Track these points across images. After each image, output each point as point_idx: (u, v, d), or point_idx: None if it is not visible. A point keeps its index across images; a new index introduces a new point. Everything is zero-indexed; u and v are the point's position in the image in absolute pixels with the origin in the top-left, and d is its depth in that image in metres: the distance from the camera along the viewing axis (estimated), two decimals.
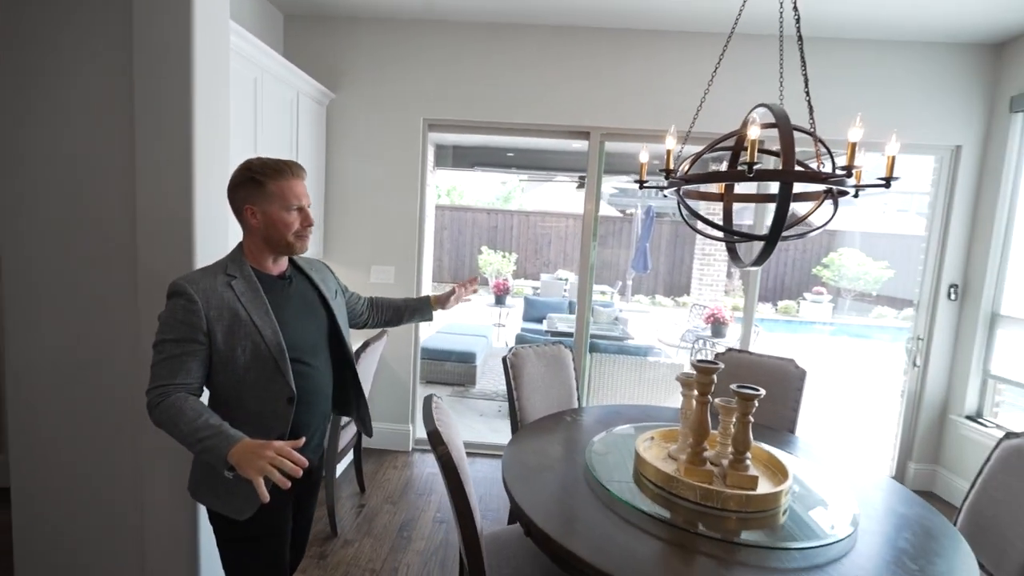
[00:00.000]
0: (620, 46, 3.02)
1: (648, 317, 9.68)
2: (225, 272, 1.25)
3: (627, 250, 12.03)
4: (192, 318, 1.17)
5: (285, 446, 1.09)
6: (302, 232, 1.29)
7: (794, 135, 1.35)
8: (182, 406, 1.13)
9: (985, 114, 2.96)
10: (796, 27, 1.54)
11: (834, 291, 10.75)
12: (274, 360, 1.23)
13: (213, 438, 1.09)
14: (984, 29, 2.76)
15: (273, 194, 1.23)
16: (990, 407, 2.99)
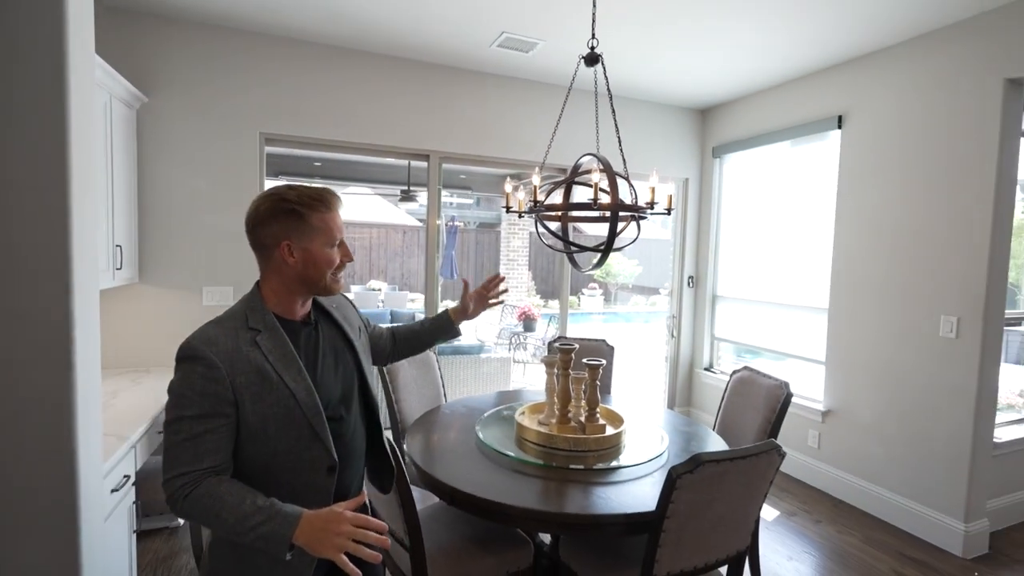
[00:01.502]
0: (455, 82, 3.44)
1: None
2: (247, 326, 1.06)
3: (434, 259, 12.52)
4: (215, 387, 0.98)
5: (358, 514, 0.94)
6: (340, 269, 1.14)
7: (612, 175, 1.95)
8: (218, 492, 0.95)
9: (700, 157, 4.26)
10: (608, 94, 2.17)
11: (603, 286, 13.09)
12: (310, 425, 1.05)
13: (268, 523, 0.92)
14: (696, 101, 4.00)
15: (317, 228, 1.08)
16: (716, 359, 4.29)
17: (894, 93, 2.91)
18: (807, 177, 3.49)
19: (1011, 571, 2.49)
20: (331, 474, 1.09)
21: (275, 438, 1.04)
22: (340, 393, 1.17)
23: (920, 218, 2.79)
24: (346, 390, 1.19)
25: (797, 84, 3.46)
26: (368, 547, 0.92)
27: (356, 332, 1.28)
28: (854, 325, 3.12)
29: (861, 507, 3.04)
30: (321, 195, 1.10)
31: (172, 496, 0.97)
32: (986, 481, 2.66)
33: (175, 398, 0.99)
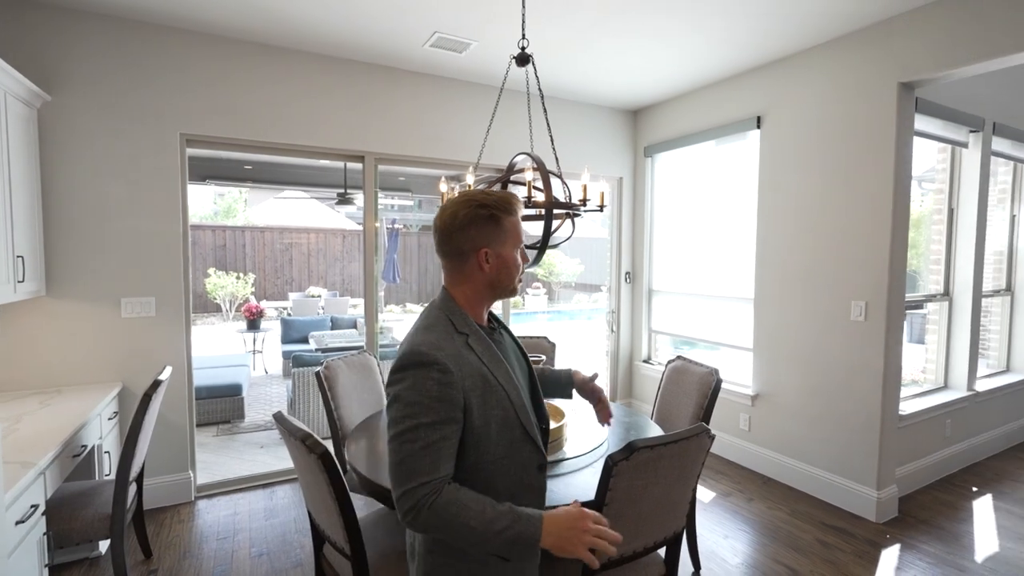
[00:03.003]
0: (389, 82, 3.38)
1: (404, 324, 10.18)
2: (457, 331, 1.06)
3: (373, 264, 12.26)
4: (451, 392, 0.98)
5: (595, 512, 0.99)
6: (519, 272, 1.14)
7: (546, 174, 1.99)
8: (462, 500, 0.95)
9: (633, 156, 4.42)
10: (540, 94, 2.20)
11: (547, 285, 13.26)
12: (521, 425, 1.07)
13: (515, 525, 0.94)
14: (628, 102, 4.14)
15: (508, 232, 1.09)
16: (655, 352, 4.46)
17: (805, 95, 3.14)
18: (732, 175, 3.69)
19: (917, 531, 2.74)
20: (541, 472, 1.12)
21: (496, 440, 1.04)
22: (526, 387, 1.18)
23: (831, 212, 3.02)
24: (530, 395, 1.19)
25: (720, 86, 3.66)
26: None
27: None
28: (776, 313, 3.34)
29: (788, 483, 3.25)
30: (510, 199, 1.10)
31: (415, 507, 0.94)
32: (894, 451, 2.91)
33: (408, 407, 0.97)
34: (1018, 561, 2.49)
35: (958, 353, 3.54)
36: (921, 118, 3.06)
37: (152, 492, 2.88)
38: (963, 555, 2.53)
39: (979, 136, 3.44)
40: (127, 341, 2.79)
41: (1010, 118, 3.64)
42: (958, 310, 3.53)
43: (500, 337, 1.18)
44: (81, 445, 2.14)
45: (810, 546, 2.60)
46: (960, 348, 3.53)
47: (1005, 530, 2.76)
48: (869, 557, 2.50)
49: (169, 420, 2.92)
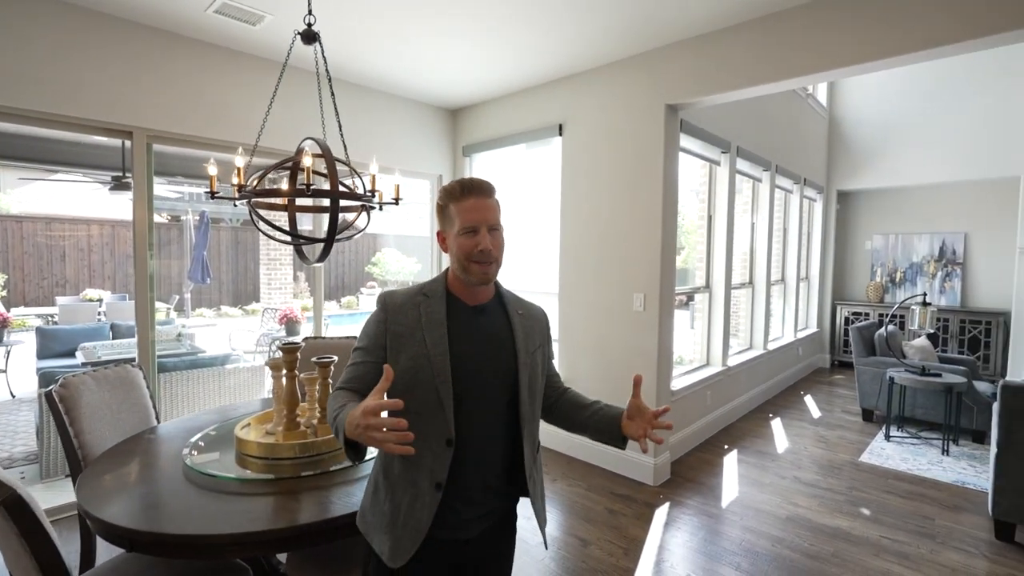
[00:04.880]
0: (168, 49, 2.89)
1: (216, 329, 8.99)
2: (421, 292, 1.20)
3: (181, 260, 10.65)
4: (378, 328, 1.18)
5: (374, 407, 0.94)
6: (477, 258, 1.13)
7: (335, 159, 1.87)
8: (337, 395, 1.13)
9: (452, 154, 4.47)
10: (328, 76, 2.07)
11: (383, 284, 12.88)
12: (436, 391, 1.11)
13: (339, 417, 1.04)
14: (445, 100, 4.17)
15: (451, 218, 1.16)
16: None
17: (596, 108, 3.48)
18: (542, 178, 3.95)
19: (684, 488, 3.23)
20: (448, 447, 1.12)
21: (403, 392, 1.11)
22: (485, 386, 1.17)
23: (617, 215, 3.40)
24: (494, 389, 1.18)
25: (530, 93, 3.88)
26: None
27: (528, 340, 1.24)
28: (576, 305, 3.66)
29: (588, 460, 3.59)
30: (456, 186, 1.16)
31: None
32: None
33: (361, 332, 1.22)
34: (750, 502, 3.08)
35: (716, 335, 4.27)
36: (686, 138, 3.61)
37: None
38: (714, 503, 3.05)
39: (727, 156, 4.19)
40: None
41: (748, 144, 4.51)
42: (715, 300, 4.26)
43: (480, 315, 1.21)
44: None
45: (600, 515, 2.89)
46: (717, 331, 4.27)
47: (743, 478, 3.40)
48: (645, 517, 2.87)
49: None
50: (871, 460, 3.71)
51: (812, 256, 6.59)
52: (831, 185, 6.60)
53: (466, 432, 1.15)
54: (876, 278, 6.74)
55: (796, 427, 4.39)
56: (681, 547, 2.60)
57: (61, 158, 6.03)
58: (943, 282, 6.26)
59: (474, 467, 1.17)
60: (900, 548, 2.60)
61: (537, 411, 1.26)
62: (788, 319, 5.87)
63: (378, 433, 0.93)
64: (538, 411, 1.27)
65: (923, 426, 4.35)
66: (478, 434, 1.17)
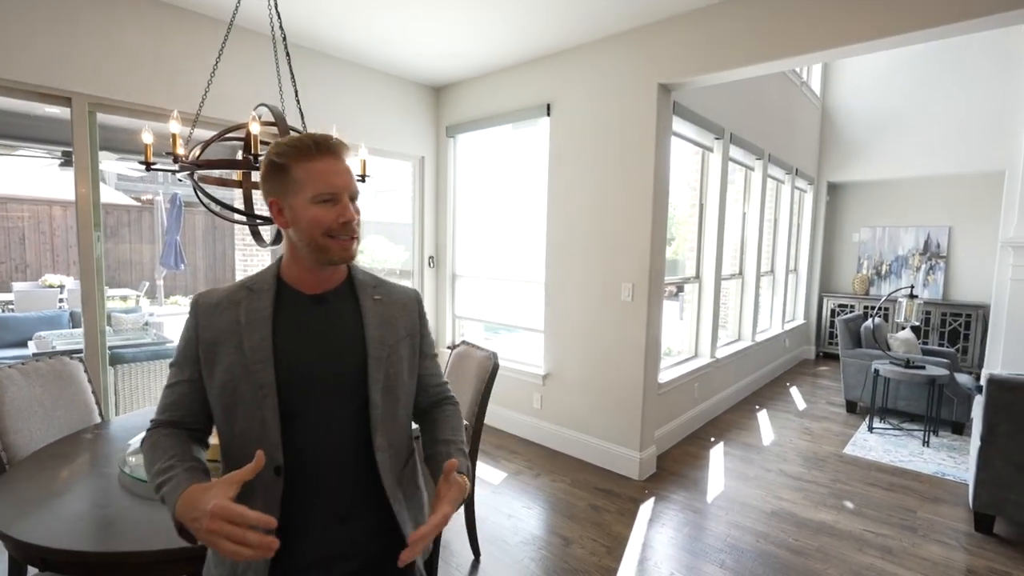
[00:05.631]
0: (114, 6, 2.62)
1: None
2: (245, 286, 0.99)
3: (152, 245, 10.26)
4: (189, 337, 0.97)
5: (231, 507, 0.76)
6: (337, 230, 0.93)
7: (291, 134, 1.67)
8: (159, 444, 0.92)
9: (435, 135, 4.25)
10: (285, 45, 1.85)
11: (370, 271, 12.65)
12: (259, 406, 0.90)
13: (168, 483, 0.84)
14: (429, 77, 3.94)
15: (296, 181, 0.92)
16: (459, 337, 4.40)
17: (585, 88, 3.30)
18: (528, 160, 3.76)
19: (669, 482, 3.11)
20: (278, 477, 0.91)
21: (229, 415, 0.94)
22: (326, 383, 0.96)
23: (606, 201, 3.23)
24: (338, 383, 0.97)
25: (517, 70, 3.67)
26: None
27: (386, 330, 1.02)
28: (562, 295, 3.50)
29: (572, 454, 3.46)
30: (304, 142, 0.93)
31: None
32: (654, 415, 3.27)
33: None
34: (736, 496, 2.98)
35: (705, 326, 4.16)
36: (679, 121, 3.45)
37: None
38: (699, 498, 2.94)
39: (721, 143, 4.04)
40: None
41: (742, 131, 4.37)
42: (705, 291, 4.14)
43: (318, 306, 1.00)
44: None
45: (583, 512, 2.76)
46: (706, 322, 4.15)
47: (729, 471, 3.30)
48: (630, 513, 2.75)
49: None
50: (855, 452, 3.66)
51: (801, 248, 6.52)
52: (822, 176, 6.52)
53: (302, 455, 0.93)
54: (863, 271, 6.72)
55: (782, 419, 4.32)
56: (666, 544, 2.49)
57: (11, 131, 5.64)
58: (927, 275, 6.25)
59: (314, 496, 0.95)
60: (883, 542, 2.54)
61: (401, 414, 1.03)
62: (776, 311, 5.80)
63: (229, 544, 0.74)
64: (404, 413, 1.05)
65: (905, 417, 4.32)
66: (318, 455, 0.95)
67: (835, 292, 6.85)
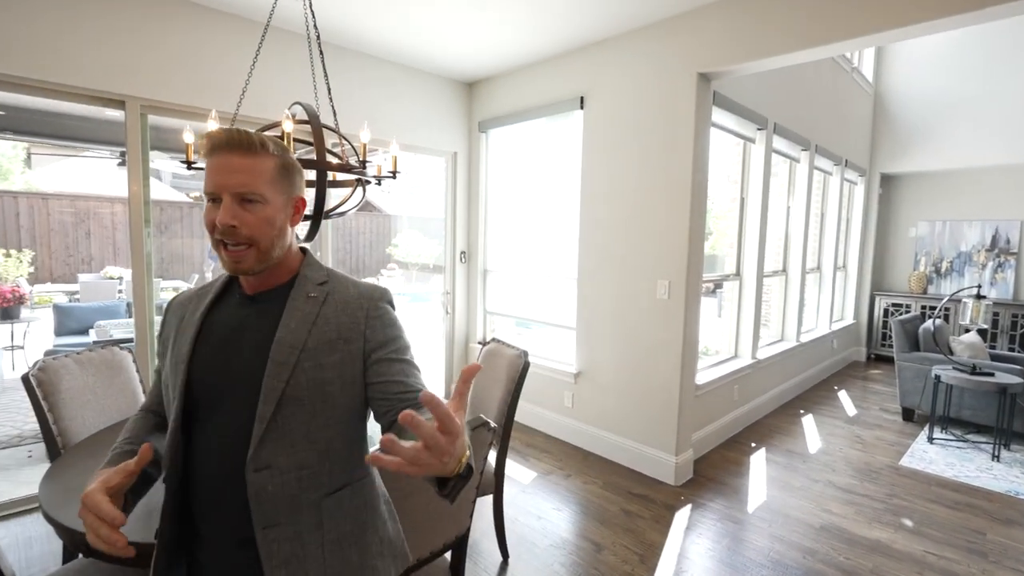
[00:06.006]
0: (163, 12, 2.71)
1: None
2: (210, 284, 1.00)
3: (201, 239, 10.70)
4: (159, 332, 1.02)
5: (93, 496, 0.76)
6: (219, 236, 0.86)
7: (325, 132, 1.68)
8: (127, 425, 0.99)
9: (467, 131, 4.23)
10: (319, 43, 1.86)
11: (404, 267, 12.81)
12: (171, 411, 0.90)
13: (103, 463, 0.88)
14: (461, 72, 3.92)
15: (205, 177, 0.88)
16: (490, 333, 4.39)
17: (620, 79, 3.20)
18: (560, 154, 3.69)
19: (706, 489, 3.01)
20: (174, 485, 0.89)
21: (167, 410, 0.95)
22: (222, 390, 0.89)
23: (641, 195, 3.13)
24: (233, 394, 0.88)
25: (550, 63, 3.61)
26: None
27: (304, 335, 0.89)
28: (596, 292, 3.42)
29: (605, 455, 3.39)
30: (209, 135, 0.87)
31: None
32: (691, 417, 3.16)
33: None
34: (779, 507, 2.84)
35: (745, 326, 3.99)
36: (719, 112, 3.31)
37: None
38: (739, 507, 2.82)
39: (764, 133, 3.86)
40: None
41: (787, 120, 4.15)
42: (746, 288, 3.97)
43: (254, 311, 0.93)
44: None
45: (615, 517, 2.69)
46: (747, 321, 3.98)
47: (772, 480, 3.16)
48: (665, 520, 2.67)
49: None
50: (912, 464, 3.42)
51: (851, 243, 6.18)
52: (874, 167, 6.15)
53: (202, 466, 0.88)
54: (920, 268, 6.30)
55: (829, 425, 4.10)
56: (703, 556, 2.40)
57: (77, 134, 5.99)
58: (994, 273, 5.80)
59: (213, 513, 0.88)
60: (947, 566, 2.35)
61: (318, 430, 0.89)
62: (823, 309, 5.52)
63: (90, 534, 0.73)
64: (331, 431, 0.90)
65: (970, 428, 4.02)
66: (212, 468, 0.87)
67: (889, 291, 6.46)
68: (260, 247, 0.87)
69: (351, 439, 0.94)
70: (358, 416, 0.95)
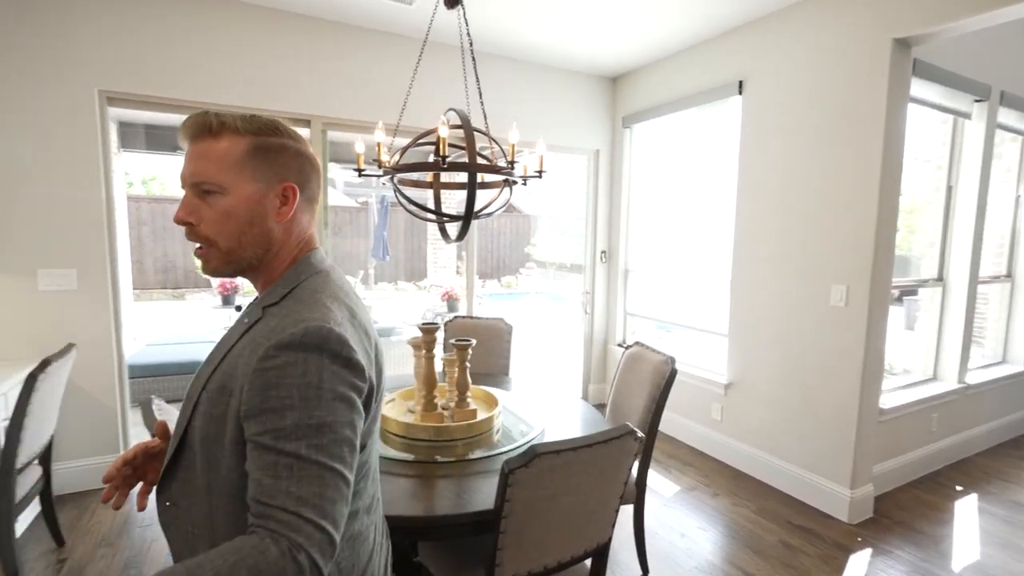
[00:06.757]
0: (337, 39, 3.10)
1: (392, 302, 10.01)
2: None
3: (366, 240, 12.06)
4: None
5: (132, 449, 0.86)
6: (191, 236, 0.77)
7: (476, 135, 1.74)
8: None
9: (610, 127, 4.12)
10: (470, 43, 1.94)
11: (542, 265, 13.03)
12: None
13: None
14: (604, 67, 3.83)
15: None
16: (630, 335, 4.23)
17: (789, 57, 2.83)
18: (712, 146, 3.41)
19: (892, 533, 2.53)
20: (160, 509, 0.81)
21: None
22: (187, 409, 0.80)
23: (813, 187, 2.75)
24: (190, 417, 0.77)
25: (702, 48, 3.34)
26: None
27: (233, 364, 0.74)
28: (753, 295, 3.09)
29: (759, 477, 3.05)
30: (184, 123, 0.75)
31: None
32: (872, 446, 2.69)
33: None
34: (999, 571, 2.28)
35: (950, 343, 3.29)
36: (919, 83, 2.76)
37: (75, 475, 2.72)
38: (940, 562, 2.33)
39: (984, 106, 3.13)
40: (45, 315, 2.59)
41: (1017, 87, 3.31)
42: (952, 296, 3.27)
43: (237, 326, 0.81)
44: None
45: (772, 548, 2.40)
46: (952, 337, 3.28)
47: (988, 535, 2.55)
48: (835, 563, 2.30)
49: (95, 399, 2.75)
50: None
51: None
52: None
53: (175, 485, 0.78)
54: None
55: None
56: None
57: None
58: None
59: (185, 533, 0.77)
60: None
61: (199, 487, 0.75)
62: None
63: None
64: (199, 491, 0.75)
65: None
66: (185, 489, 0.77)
67: None
68: (220, 246, 0.75)
69: (241, 522, 0.71)
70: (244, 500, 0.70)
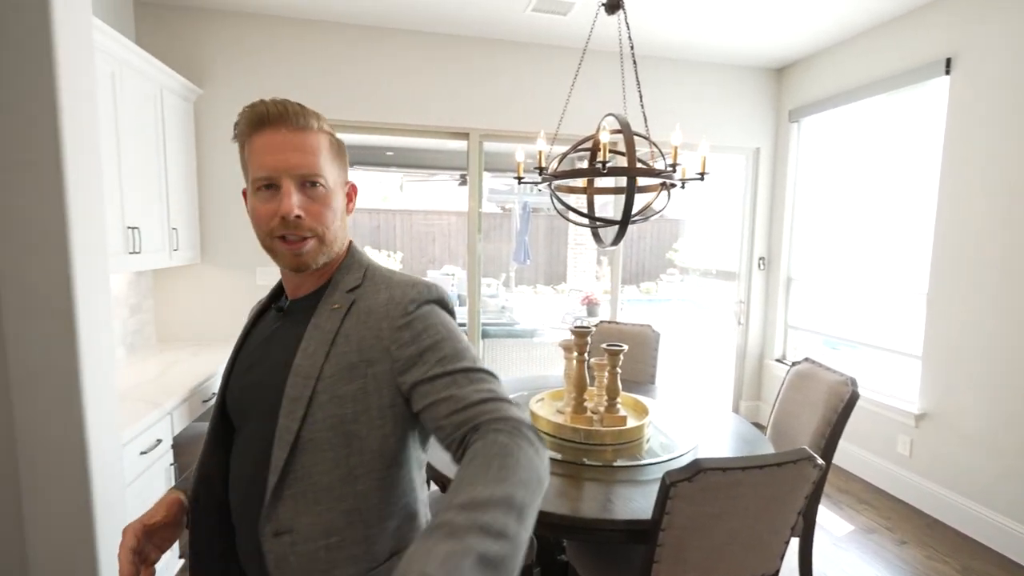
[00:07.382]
0: (492, 55, 3.31)
1: (532, 304, 10.31)
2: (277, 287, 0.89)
3: (508, 244, 12.60)
4: None
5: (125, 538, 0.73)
6: (280, 231, 0.73)
7: (634, 138, 1.73)
8: None
9: (774, 123, 3.77)
10: (630, 45, 1.93)
11: (684, 271, 12.37)
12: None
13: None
14: (768, 58, 3.52)
15: (246, 163, 0.75)
16: (790, 349, 3.83)
17: (1015, 26, 2.33)
18: (903, 137, 2.94)
19: None
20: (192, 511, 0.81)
21: None
22: (249, 413, 0.78)
23: None
24: (260, 419, 0.75)
25: (889, 26, 2.91)
26: None
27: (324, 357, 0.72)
28: (960, 313, 2.59)
29: (961, 529, 2.55)
30: (259, 109, 0.72)
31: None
32: None
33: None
34: None
35: None
36: None
37: None
38: None
39: None
40: None
41: None
42: None
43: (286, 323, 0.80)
44: (213, 392, 2.47)
45: None
46: None
47: None
48: None
49: None
50: None
51: None
52: None
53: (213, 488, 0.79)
54: None
55: None
56: None
57: (429, 163, 7.81)
58: None
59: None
60: None
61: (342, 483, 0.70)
62: None
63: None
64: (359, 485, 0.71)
65: None
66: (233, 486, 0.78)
67: None
68: (324, 239, 0.75)
69: (392, 494, 0.73)
70: (397, 464, 0.73)
